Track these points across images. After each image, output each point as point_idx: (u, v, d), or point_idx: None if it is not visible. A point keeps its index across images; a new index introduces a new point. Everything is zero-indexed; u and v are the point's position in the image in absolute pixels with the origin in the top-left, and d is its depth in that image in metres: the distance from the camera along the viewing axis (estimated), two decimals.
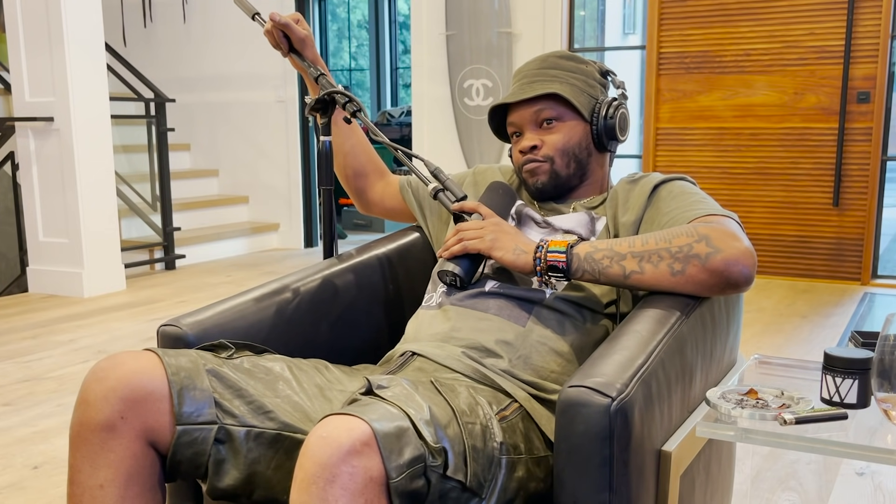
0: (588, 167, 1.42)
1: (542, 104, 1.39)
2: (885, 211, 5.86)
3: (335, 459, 0.87)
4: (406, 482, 0.90)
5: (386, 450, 0.89)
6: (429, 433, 0.93)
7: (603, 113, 1.39)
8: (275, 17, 1.47)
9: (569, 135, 1.39)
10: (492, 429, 1.03)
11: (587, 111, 1.39)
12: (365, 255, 1.55)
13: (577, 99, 1.38)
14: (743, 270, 1.14)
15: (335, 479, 0.87)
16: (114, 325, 3.73)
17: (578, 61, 1.43)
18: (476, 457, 0.98)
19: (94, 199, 4.30)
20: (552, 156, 1.39)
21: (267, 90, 5.86)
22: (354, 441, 0.88)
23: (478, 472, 0.97)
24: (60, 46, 4.12)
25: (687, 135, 4.73)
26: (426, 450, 0.92)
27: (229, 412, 1.07)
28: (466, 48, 5.11)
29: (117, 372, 1.05)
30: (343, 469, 0.87)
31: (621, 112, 1.40)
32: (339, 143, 1.61)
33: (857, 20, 4.26)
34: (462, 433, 0.98)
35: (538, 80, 1.40)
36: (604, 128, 1.39)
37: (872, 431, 0.98)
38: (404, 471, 0.90)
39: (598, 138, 1.40)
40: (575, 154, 1.40)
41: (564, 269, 1.20)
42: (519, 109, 1.41)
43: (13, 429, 2.48)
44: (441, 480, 0.94)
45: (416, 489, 0.91)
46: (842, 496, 1.96)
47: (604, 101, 1.40)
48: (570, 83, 1.39)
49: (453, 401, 1.02)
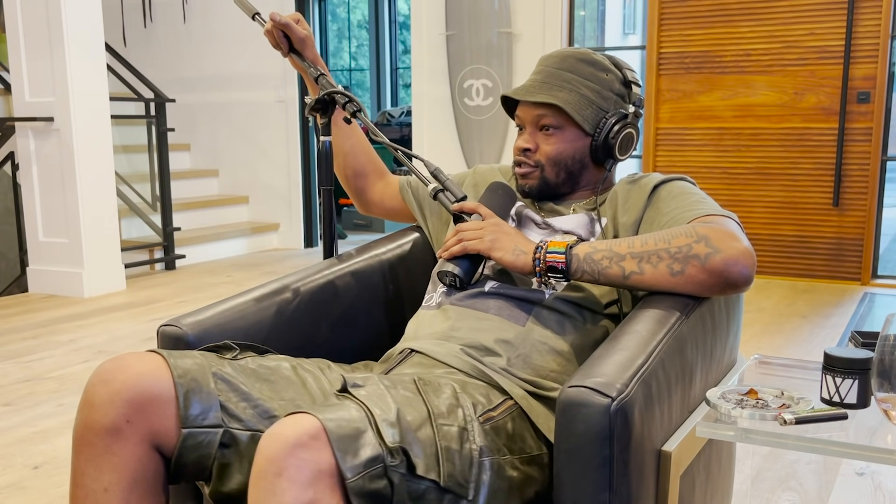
0: (580, 178, 1.41)
1: (544, 110, 1.37)
2: (885, 211, 5.86)
3: (282, 453, 0.88)
4: (364, 482, 0.90)
5: (340, 450, 0.89)
6: (390, 434, 0.93)
7: (606, 130, 1.36)
8: (275, 17, 1.47)
9: (564, 146, 1.37)
10: (471, 431, 1.02)
11: (590, 125, 1.36)
12: (365, 255, 1.55)
13: (581, 112, 1.35)
14: (742, 271, 1.14)
15: (282, 472, 0.88)
16: (114, 325, 3.73)
17: (599, 68, 1.38)
18: (451, 457, 0.97)
19: (94, 200, 4.30)
20: (543, 164, 1.38)
21: (267, 90, 5.86)
22: (301, 435, 0.89)
23: (454, 473, 0.97)
24: (60, 46, 4.12)
25: (687, 135, 4.73)
26: (384, 450, 0.92)
27: (235, 416, 1.07)
28: (466, 48, 5.11)
29: (123, 374, 1.05)
30: (290, 462, 0.88)
31: (627, 132, 1.37)
32: (338, 144, 1.61)
33: (857, 20, 4.26)
34: (435, 435, 0.97)
35: (548, 84, 1.37)
36: (602, 145, 1.37)
37: (872, 431, 0.98)
38: (360, 471, 0.90)
39: (594, 153, 1.38)
40: (567, 166, 1.38)
41: (564, 269, 1.20)
42: (524, 106, 1.40)
43: (13, 429, 2.48)
44: (408, 481, 0.93)
45: (377, 490, 0.91)
46: (842, 496, 1.96)
47: (611, 117, 1.36)
48: (580, 93, 1.36)
49: (432, 402, 1.02)
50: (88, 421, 1.04)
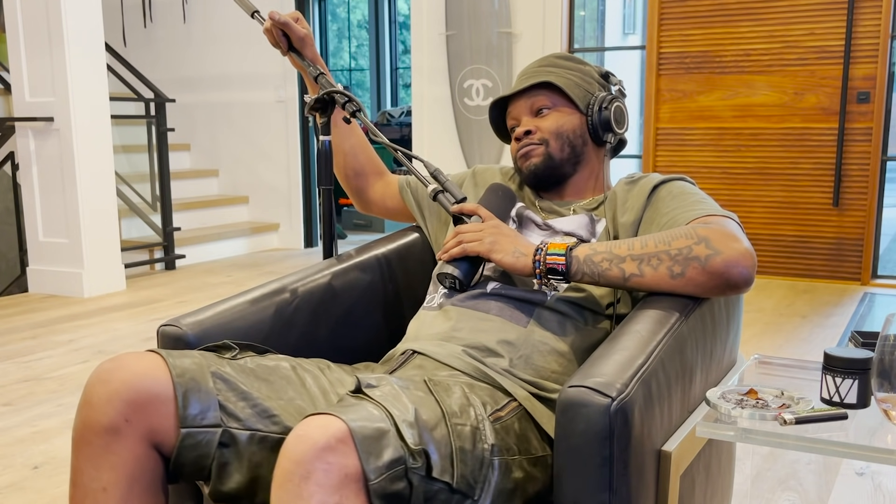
0: (583, 156, 1.44)
1: (536, 94, 1.43)
2: (885, 211, 5.86)
3: (310, 456, 0.88)
4: (386, 484, 0.90)
5: (364, 451, 0.89)
6: (410, 435, 0.93)
7: (597, 106, 1.42)
8: (274, 16, 1.47)
9: (562, 120, 1.42)
10: (483, 430, 1.02)
11: (582, 103, 1.43)
12: (365, 255, 1.55)
13: (572, 91, 1.42)
14: (742, 272, 1.14)
15: (310, 475, 0.88)
16: (114, 325, 3.73)
17: (577, 61, 1.47)
18: (464, 458, 0.97)
19: (94, 199, 4.30)
20: (547, 138, 1.42)
21: (267, 90, 5.86)
22: (329, 438, 0.88)
23: (466, 474, 0.97)
24: (60, 46, 4.12)
25: (687, 135, 4.73)
26: (406, 451, 0.92)
27: (234, 415, 1.07)
28: (466, 48, 5.11)
29: (121, 374, 1.05)
30: (318, 465, 0.88)
31: (616, 105, 1.43)
32: (338, 143, 1.61)
33: (857, 20, 4.26)
34: (450, 435, 0.97)
35: (537, 73, 1.45)
36: (599, 120, 1.42)
37: (872, 431, 0.98)
38: (383, 472, 0.90)
39: (593, 130, 1.43)
40: (569, 139, 1.42)
41: (564, 272, 1.20)
42: (516, 102, 1.46)
43: (13, 429, 2.48)
44: (425, 482, 0.93)
45: (397, 491, 0.91)
46: (842, 496, 1.96)
47: (599, 96, 1.43)
48: (566, 77, 1.44)
49: (444, 401, 1.02)
50: (87, 420, 1.04)
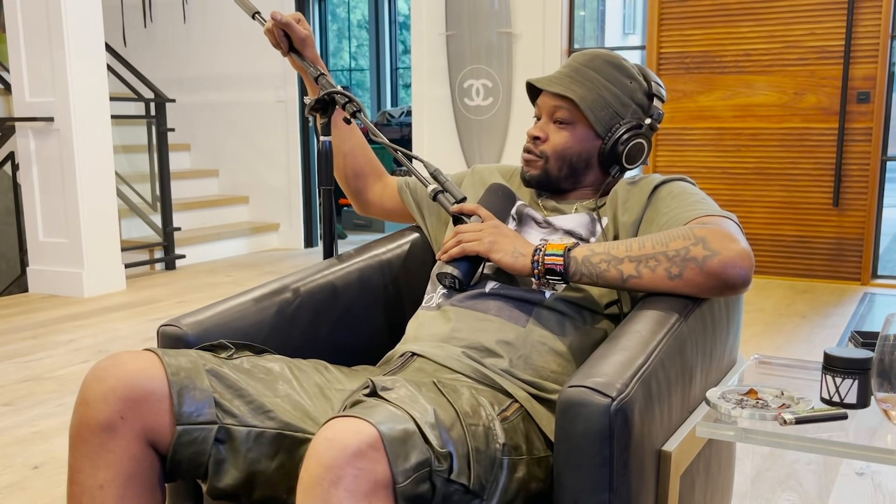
0: (582, 178, 1.41)
1: (560, 102, 1.38)
2: (885, 211, 5.86)
3: (341, 461, 0.87)
4: (412, 486, 0.90)
5: (392, 454, 0.88)
6: (434, 437, 0.92)
7: (616, 136, 1.36)
8: (276, 16, 1.47)
9: (573, 143, 1.38)
10: (494, 430, 1.03)
11: (603, 127, 1.37)
12: (365, 255, 1.55)
13: (595, 112, 1.36)
14: (740, 273, 1.13)
15: (340, 480, 0.87)
16: (114, 325, 3.73)
17: (624, 73, 1.39)
18: (479, 459, 0.98)
19: (94, 199, 4.30)
20: (549, 155, 1.39)
21: (267, 90, 5.86)
22: (361, 443, 0.87)
23: (480, 475, 0.97)
24: (60, 46, 4.12)
25: (687, 135, 4.73)
26: (432, 454, 0.91)
27: (229, 412, 1.07)
28: (466, 48, 5.11)
29: (117, 372, 1.05)
30: (348, 471, 0.87)
31: (637, 142, 1.37)
32: (338, 144, 1.61)
33: (857, 20, 4.26)
34: (466, 435, 0.98)
35: (570, 78, 1.38)
36: (611, 150, 1.37)
37: (872, 431, 0.98)
38: (410, 475, 0.89)
39: (602, 157, 1.39)
40: (571, 162, 1.39)
41: (562, 272, 1.20)
42: (544, 95, 1.41)
43: (13, 429, 2.48)
44: (445, 484, 0.93)
45: (422, 493, 0.91)
46: (842, 496, 1.96)
47: (625, 124, 1.37)
48: (599, 93, 1.37)
49: (456, 402, 1.02)
50: (84, 418, 1.05)
